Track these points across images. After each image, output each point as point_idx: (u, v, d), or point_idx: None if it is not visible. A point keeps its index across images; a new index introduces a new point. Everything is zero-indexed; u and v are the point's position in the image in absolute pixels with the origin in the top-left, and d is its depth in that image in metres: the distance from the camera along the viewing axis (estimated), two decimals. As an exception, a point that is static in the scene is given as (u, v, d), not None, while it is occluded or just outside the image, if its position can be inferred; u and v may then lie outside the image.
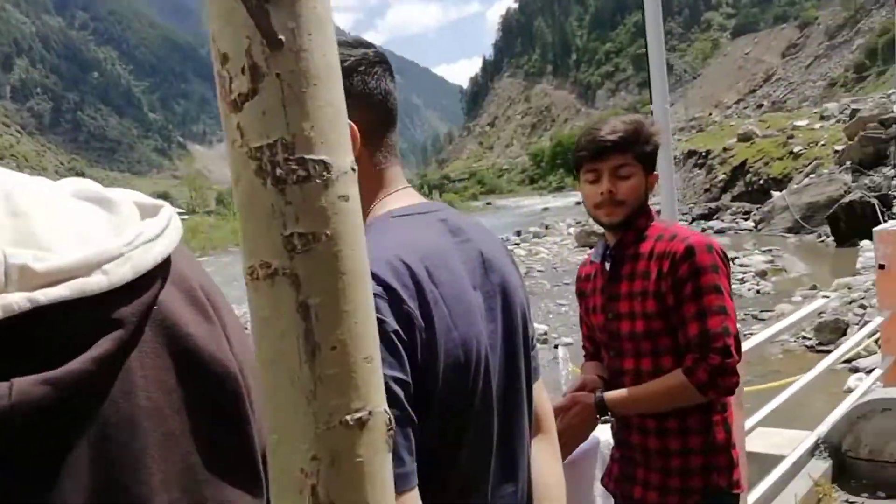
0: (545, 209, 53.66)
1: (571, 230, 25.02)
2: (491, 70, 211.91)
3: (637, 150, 1.68)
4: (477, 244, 1.07)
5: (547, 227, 27.95)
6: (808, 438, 3.64)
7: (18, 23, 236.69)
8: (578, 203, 48.41)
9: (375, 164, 1.05)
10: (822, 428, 3.68)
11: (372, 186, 1.05)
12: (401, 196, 1.07)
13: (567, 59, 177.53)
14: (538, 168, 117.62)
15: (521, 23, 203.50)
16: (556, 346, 10.21)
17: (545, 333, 10.34)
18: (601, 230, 1.94)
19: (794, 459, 3.42)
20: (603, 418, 1.78)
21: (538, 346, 1.27)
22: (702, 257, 1.60)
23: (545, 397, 1.24)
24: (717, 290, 1.60)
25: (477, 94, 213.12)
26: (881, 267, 4.63)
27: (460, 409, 0.98)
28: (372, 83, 1.02)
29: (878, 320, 4.72)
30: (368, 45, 1.07)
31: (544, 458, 1.19)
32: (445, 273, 0.97)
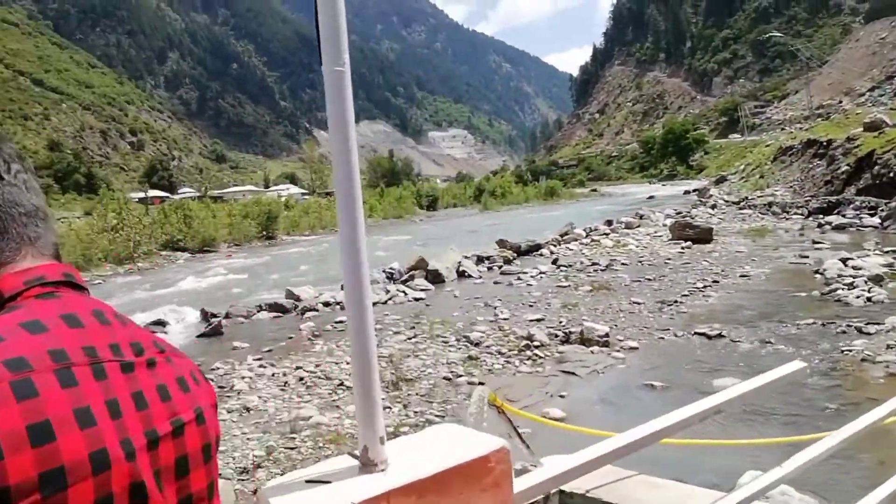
0: (651, 197, 51.35)
1: (668, 221, 23.13)
2: (601, 58, 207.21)
3: None
4: None
5: (641, 217, 26.03)
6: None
7: (171, 20, 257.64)
8: (688, 192, 46.22)
9: None
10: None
11: None
12: None
13: (681, 46, 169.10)
14: (648, 155, 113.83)
15: (633, 11, 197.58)
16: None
17: (607, 335, 9.17)
18: (699, 222, 1.01)
19: None
20: None
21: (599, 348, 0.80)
22: None
23: None
24: None
25: (587, 82, 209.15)
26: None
27: None
28: None
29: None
30: None
31: None
32: None
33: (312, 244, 34.69)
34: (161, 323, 12.66)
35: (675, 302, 11.38)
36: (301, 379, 8.15)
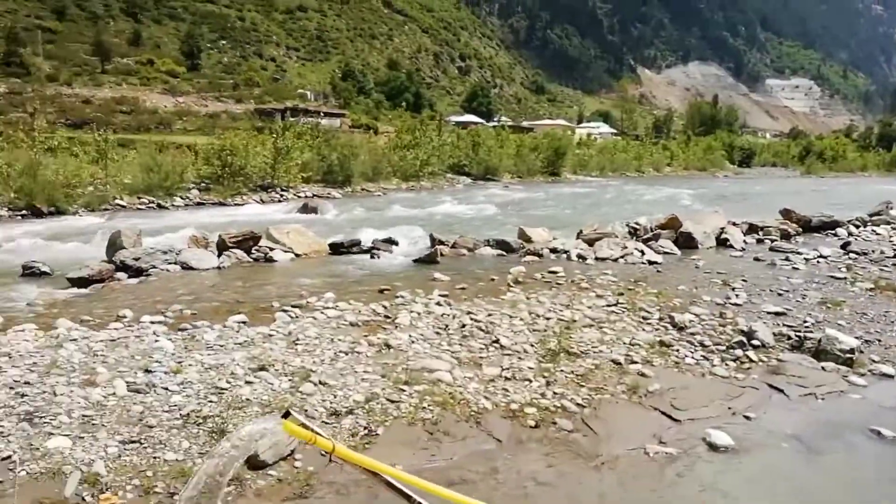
0: None
1: None
2: None
3: None
4: None
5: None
6: None
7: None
8: None
9: None
10: None
11: None
12: None
13: None
14: None
15: None
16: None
17: (853, 350, 7.11)
18: None
19: None
20: None
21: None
22: None
23: None
24: None
25: None
26: None
27: None
28: None
29: None
30: None
31: None
32: None
33: (593, 186, 33.66)
34: (391, 241, 12.97)
35: None
36: (463, 326, 7.57)
